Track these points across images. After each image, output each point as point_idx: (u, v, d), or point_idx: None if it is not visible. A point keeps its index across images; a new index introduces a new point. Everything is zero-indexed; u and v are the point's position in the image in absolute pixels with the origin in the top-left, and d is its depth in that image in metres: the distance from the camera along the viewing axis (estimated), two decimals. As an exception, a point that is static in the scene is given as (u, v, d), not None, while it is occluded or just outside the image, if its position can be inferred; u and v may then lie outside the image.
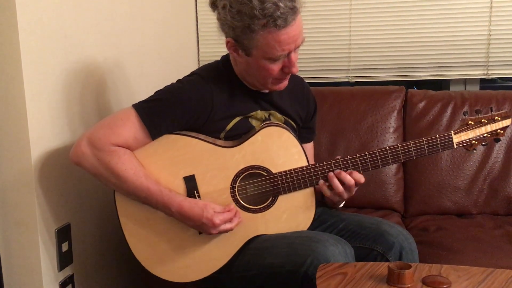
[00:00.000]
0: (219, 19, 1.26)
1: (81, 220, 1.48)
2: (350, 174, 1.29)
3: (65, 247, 1.39)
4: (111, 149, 1.23)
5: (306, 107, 1.48)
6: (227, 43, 1.26)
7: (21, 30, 1.19)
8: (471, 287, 1.03)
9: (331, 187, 1.30)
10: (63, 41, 1.37)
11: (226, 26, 1.23)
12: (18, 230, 1.29)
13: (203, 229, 1.25)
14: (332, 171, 1.30)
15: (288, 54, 1.23)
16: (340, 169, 1.30)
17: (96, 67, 1.54)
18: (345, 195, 1.31)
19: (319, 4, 2.23)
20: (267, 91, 1.38)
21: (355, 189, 1.32)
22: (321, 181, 1.30)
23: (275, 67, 1.24)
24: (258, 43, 1.20)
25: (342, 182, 1.28)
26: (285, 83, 1.32)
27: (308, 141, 1.53)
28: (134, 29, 1.78)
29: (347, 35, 2.23)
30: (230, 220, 1.25)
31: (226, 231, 1.26)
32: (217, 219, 1.23)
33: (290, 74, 1.29)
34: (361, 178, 1.30)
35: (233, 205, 1.28)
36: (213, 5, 1.28)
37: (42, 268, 1.31)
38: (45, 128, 1.30)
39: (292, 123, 1.44)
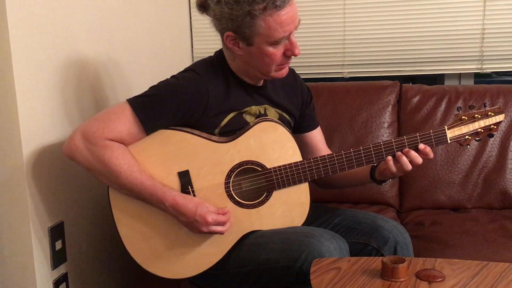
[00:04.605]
0: (214, 16, 1.26)
1: (74, 218, 1.47)
2: (423, 151, 1.28)
3: (58, 245, 1.38)
4: (105, 143, 1.22)
5: (300, 95, 1.48)
6: (227, 37, 1.26)
7: (11, 26, 1.18)
8: (465, 280, 1.03)
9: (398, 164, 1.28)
10: (54, 37, 1.36)
11: (224, 20, 1.23)
12: (10, 229, 1.28)
13: (194, 227, 1.25)
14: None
15: (289, 36, 1.24)
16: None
17: (88, 64, 1.53)
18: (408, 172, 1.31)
19: (313, -1, 2.22)
20: (261, 85, 1.38)
21: None
22: (389, 157, 1.29)
23: (278, 52, 1.25)
24: (260, 29, 1.20)
25: (411, 160, 1.28)
26: (287, 69, 1.33)
27: (311, 129, 1.52)
28: (127, 25, 1.77)
29: (341, 30, 2.22)
30: (222, 224, 1.25)
31: (216, 233, 1.25)
32: (210, 218, 1.22)
33: (291, 58, 1.29)
34: (430, 153, 1.29)
35: (227, 209, 1.28)
36: (201, 7, 1.28)
37: (35, 267, 1.30)
38: (36, 125, 1.29)
39: (287, 116, 1.43)
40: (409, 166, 1.28)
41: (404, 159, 1.27)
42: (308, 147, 1.51)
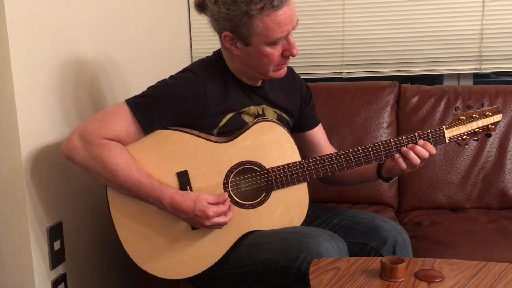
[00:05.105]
0: (211, 16, 1.26)
1: (73, 218, 1.47)
2: (423, 147, 1.29)
3: (57, 245, 1.38)
4: (102, 142, 1.22)
5: (299, 93, 1.48)
6: (224, 37, 1.26)
7: (9, 26, 1.18)
8: (464, 281, 1.04)
9: (407, 160, 1.29)
10: (53, 37, 1.35)
11: (221, 20, 1.23)
12: (9, 229, 1.28)
13: (196, 222, 1.24)
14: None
15: (287, 36, 1.23)
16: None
17: (87, 63, 1.53)
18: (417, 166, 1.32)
19: (312, -1, 2.22)
20: (259, 85, 1.38)
21: None
22: (397, 155, 1.30)
23: (276, 52, 1.25)
24: (258, 29, 1.20)
25: (418, 155, 1.29)
26: (285, 69, 1.33)
27: (312, 127, 1.51)
28: (126, 25, 1.77)
29: (340, 30, 2.22)
30: (224, 214, 1.25)
31: (220, 224, 1.25)
32: (211, 211, 1.22)
33: (289, 58, 1.29)
34: (432, 149, 1.30)
35: (226, 195, 1.27)
36: (199, 7, 1.28)
37: (34, 267, 1.29)
38: (35, 125, 1.29)
39: (286, 116, 1.43)
40: (417, 160, 1.29)
41: (412, 154, 1.28)
42: (311, 145, 1.51)
